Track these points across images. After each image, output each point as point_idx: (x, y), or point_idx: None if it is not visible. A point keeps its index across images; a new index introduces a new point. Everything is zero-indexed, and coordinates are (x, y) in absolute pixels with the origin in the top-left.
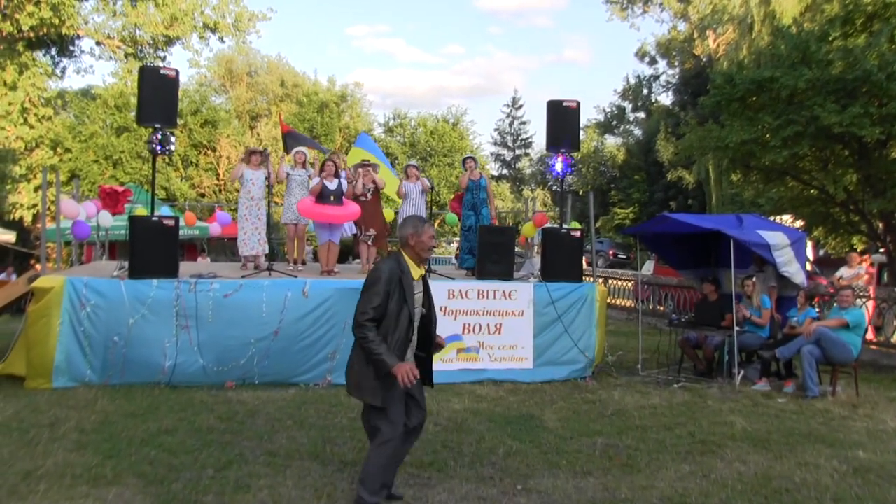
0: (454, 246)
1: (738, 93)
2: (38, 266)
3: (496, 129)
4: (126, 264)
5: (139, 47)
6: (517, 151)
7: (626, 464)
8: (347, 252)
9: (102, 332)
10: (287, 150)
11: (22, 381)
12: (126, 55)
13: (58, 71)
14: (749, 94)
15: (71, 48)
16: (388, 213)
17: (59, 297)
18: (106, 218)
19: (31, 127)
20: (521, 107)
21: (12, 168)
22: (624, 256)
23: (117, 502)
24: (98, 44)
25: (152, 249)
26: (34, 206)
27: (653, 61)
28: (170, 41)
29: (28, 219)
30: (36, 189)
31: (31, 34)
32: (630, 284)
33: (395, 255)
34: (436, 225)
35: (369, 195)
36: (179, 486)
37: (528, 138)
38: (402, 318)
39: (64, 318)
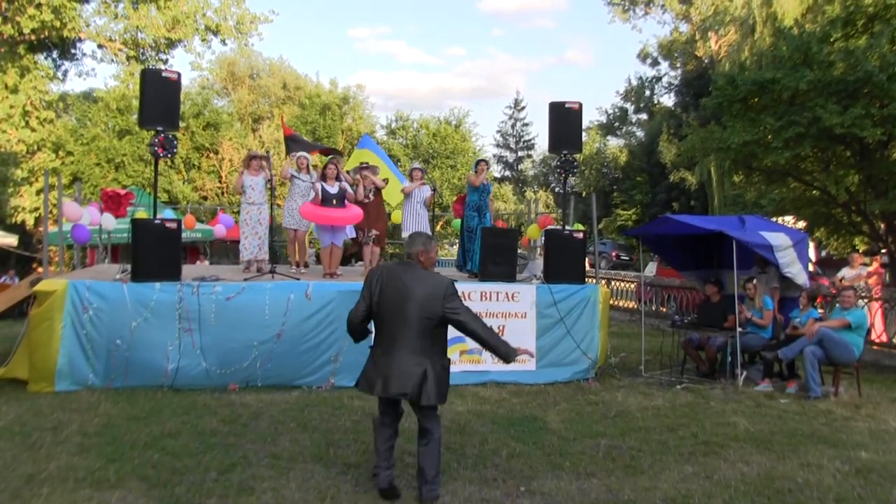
0: (456, 248)
1: (740, 94)
2: (40, 269)
3: (498, 131)
4: (128, 267)
5: (141, 50)
6: (519, 153)
7: (630, 465)
8: (350, 255)
9: (105, 336)
10: (289, 152)
11: (25, 385)
12: (128, 58)
13: (59, 74)
14: (751, 95)
15: (72, 51)
16: (397, 216)
17: (62, 301)
18: (109, 220)
19: (33, 130)
20: (523, 108)
21: (14, 171)
22: (626, 258)
23: None
24: (100, 46)
25: (155, 252)
26: (36, 209)
27: (655, 63)
28: (172, 44)
29: (30, 222)
30: (38, 192)
31: (33, 37)
32: (633, 286)
33: (427, 269)
34: (439, 227)
35: (371, 196)
36: (183, 489)
37: (530, 140)
38: None
39: (66, 322)
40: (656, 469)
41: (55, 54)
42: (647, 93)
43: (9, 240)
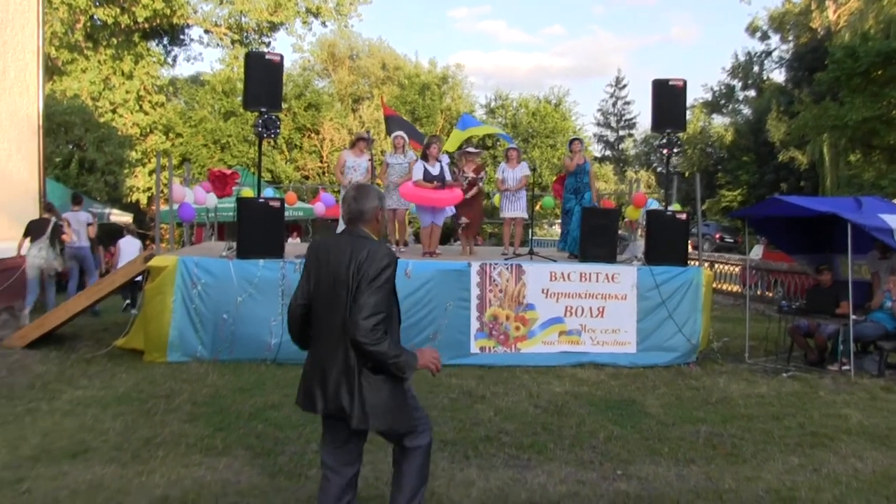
0: (556, 228)
1: (861, 67)
2: (152, 246)
3: (599, 110)
4: (234, 245)
5: (245, 34)
6: (621, 132)
7: (731, 453)
8: (449, 234)
9: (212, 310)
10: (389, 132)
11: (141, 355)
12: (232, 42)
13: (169, 59)
14: (874, 67)
15: (181, 37)
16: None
17: (173, 276)
18: (211, 199)
19: (146, 114)
20: (624, 87)
21: (129, 153)
22: (731, 240)
23: (227, 472)
24: (206, 32)
25: (259, 230)
26: (149, 189)
27: (764, 36)
28: (274, 27)
29: (143, 201)
30: (150, 173)
31: (146, 25)
32: (737, 269)
33: (368, 236)
34: (538, 208)
35: (465, 184)
36: (285, 458)
37: (632, 119)
38: (394, 316)
39: (177, 296)
40: (759, 459)
41: (166, 41)
42: (756, 68)
43: (124, 218)
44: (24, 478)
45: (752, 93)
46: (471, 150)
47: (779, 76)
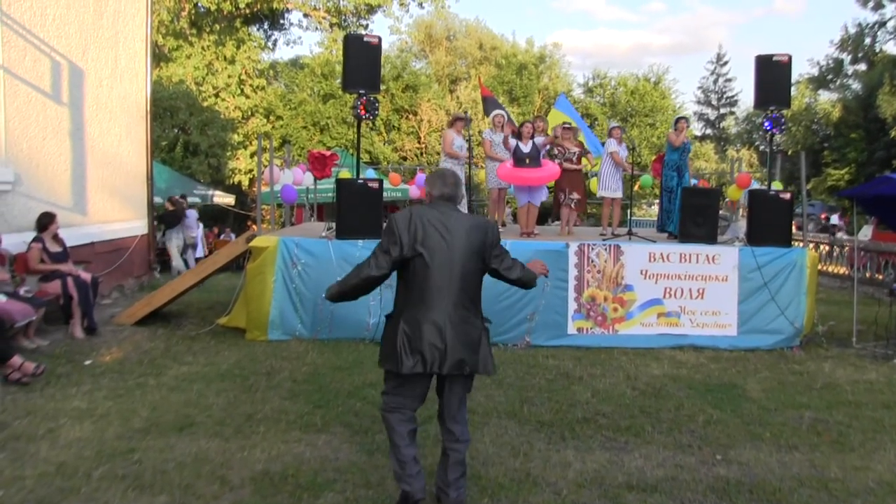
0: (654, 208)
1: None
2: (254, 227)
3: (699, 88)
4: (333, 225)
5: (343, 17)
6: (721, 110)
7: (837, 441)
8: (546, 215)
9: (312, 290)
10: (486, 112)
11: (243, 333)
12: (331, 25)
13: (270, 44)
14: None
15: (281, 21)
16: (593, 184)
17: (273, 256)
18: (307, 178)
19: (247, 97)
20: (726, 63)
21: (231, 136)
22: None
23: (326, 448)
24: (305, 16)
25: (358, 211)
26: (250, 171)
27: (878, 5)
28: (371, 9)
29: (245, 183)
30: (251, 155)
31: (247, 11)
32: (844, 250)
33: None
34: (636, 188)
35: (574, 159)
36: (383, 437)
37: (733, 96)
38: None
39: (277, 276)
40: (868, 448)
41: (266, 26)
42: (867, 40)
43: (227, 199)
44: (136, 448)
45: (862, 66)
46: (568, 125)
47: (893, 48)
